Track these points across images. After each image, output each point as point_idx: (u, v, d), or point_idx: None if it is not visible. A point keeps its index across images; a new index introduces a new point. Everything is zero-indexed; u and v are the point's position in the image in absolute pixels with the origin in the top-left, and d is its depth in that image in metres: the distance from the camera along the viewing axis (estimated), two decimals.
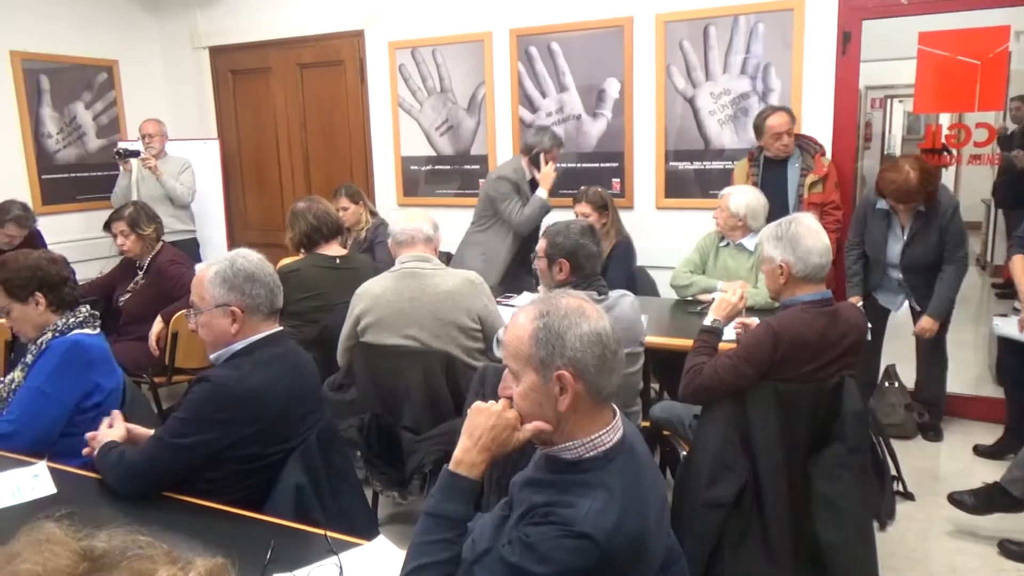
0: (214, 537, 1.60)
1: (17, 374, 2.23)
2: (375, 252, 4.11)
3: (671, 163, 4.40)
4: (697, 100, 4.28)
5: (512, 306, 3.26)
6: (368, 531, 1.84)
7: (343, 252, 3.30)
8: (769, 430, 2.20)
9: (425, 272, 2.68)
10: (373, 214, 4.53)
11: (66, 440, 2.18)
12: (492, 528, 1.41)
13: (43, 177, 5.09)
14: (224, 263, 1.86)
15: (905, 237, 3.56)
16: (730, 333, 2.54)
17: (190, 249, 4.76)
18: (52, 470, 1.90)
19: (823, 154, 3.80)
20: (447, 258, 3.79)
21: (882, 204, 3.55)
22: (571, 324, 1.28)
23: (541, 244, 2.60)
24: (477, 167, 4.94)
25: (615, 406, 1.35)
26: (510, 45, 4.68)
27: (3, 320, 3.46)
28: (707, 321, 2.45)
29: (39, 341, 2.24)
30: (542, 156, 4.06)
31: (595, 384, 1.27)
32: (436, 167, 5.09)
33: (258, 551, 1.48)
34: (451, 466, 1.32)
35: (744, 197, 3.43)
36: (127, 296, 3.67)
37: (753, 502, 2.20)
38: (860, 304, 3.69)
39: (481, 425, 1.31)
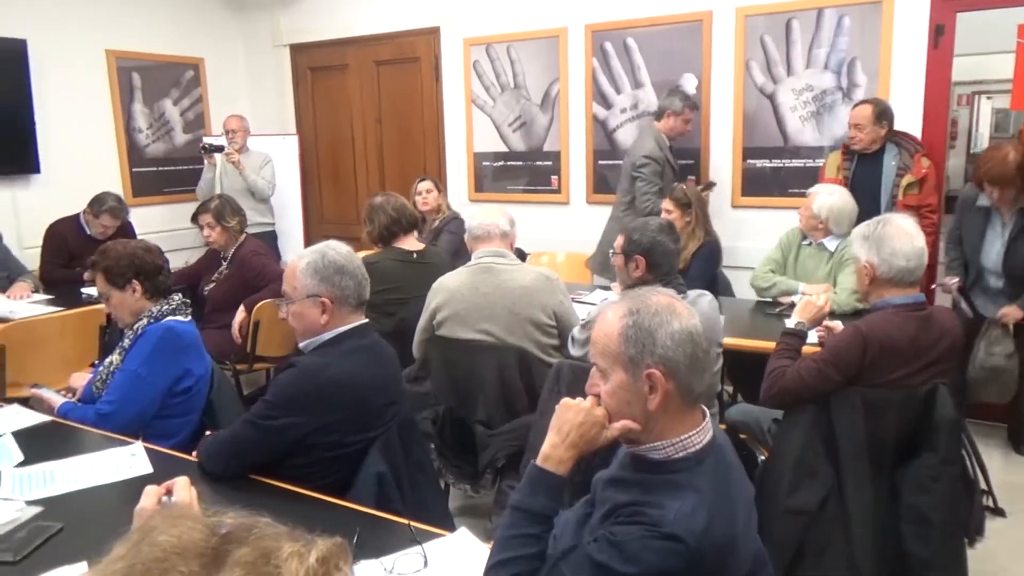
0: (301, 521, 1.63)
1: (115, 358, 2.34)
2: (440, 239, 4.18)
3: (748, 160, 4.30)
4: (777, 96, 4.17)
5: (587, 303, 3.25)
6: (443, 523, 1.86)
7: (420, 247, 3.34)
8: (855, 437, 2.12)
9: (500, 267, 2.69)
10: (448, 208, 4.59)
11: (159, 422, 2.28)
12: (574, 525, 1.40)
13: (133, 170, 5.33)
14: (315, 254, 1.91)
15: (1007, 235, 3.34)
16: (812, 337, 2.48)
17: (269, 242, 4.90)
18: (147, 450, 1.98)
19: (924, 154, 3.63)
20: (520, 254, 3.79)
21: (983, 200, 3.36)
22: (662, 322, 1.26)
23: (618, 241, 2.58)
24: (549, 163, 4.94)
25: (705, 407, 1.33)
26: (585, 41, 4.66)
27: (102, 306, 3.64)
28: (791, 323, 2.38)
29: (135, 327, 2.34)
30: (672, 118, 3.97)
31: (686, 384, 1.26)
32: (508, 163, 5.11)
33: (343, 537, 1.51)
34: (538, 461, 1.32)
35: (829, 199, 3.31)
36: (212, 286, 3.80)
37: (837, 511, 2.14)
38: (958, 285, 3.50)
39: (570, 421, 1.31)
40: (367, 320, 2.00)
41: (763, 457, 2.54)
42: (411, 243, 3.32)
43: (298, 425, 1.84)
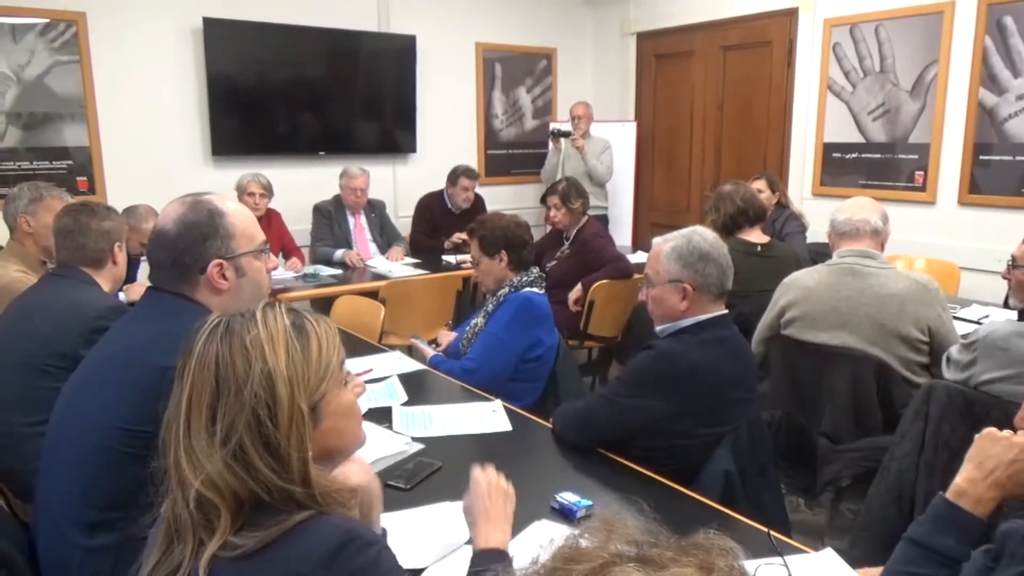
0: (652, 506, 1.66)
1: (479, 320, 2.58)
2: (790, 242, 3.90)
3: None
4: None
5: (969, 320, 2.81)
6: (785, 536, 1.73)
7: (765, 239, 3.17)
8: None
9: (868, 270, 2.43)
10: (783, 205, 4.30)
11: (510, 384, 2.47)
12: None
13: (488, 152, 5.87)
14: (681, 239, 1.89)
15: None
16: None
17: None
18: (506, 409, 2.14)
19: None
20: None
21: None
22: None
23: (1022, 250, 2.18)
24: (914, 157, 4.38)
25: None
26: (977, 16, 4.01)
27: (459, 272, 4.05)
28: None
29: (498, 294, 2.55)
30: None
31: None
32: (862, 155, 4.63)
33: (693, 530, 1.47)
34: (950, 495, 1.14)
35: None
36: (553, 263, 4.02)
37: None
38: None
39: (996, 457, 1.11)
40: (727, 311, 1.93)
41: None
42: (756, 235, 3.16)
43: (648, 407, 1.84)
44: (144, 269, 3.49)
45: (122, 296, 2.99)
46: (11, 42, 4.05)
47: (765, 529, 1.48)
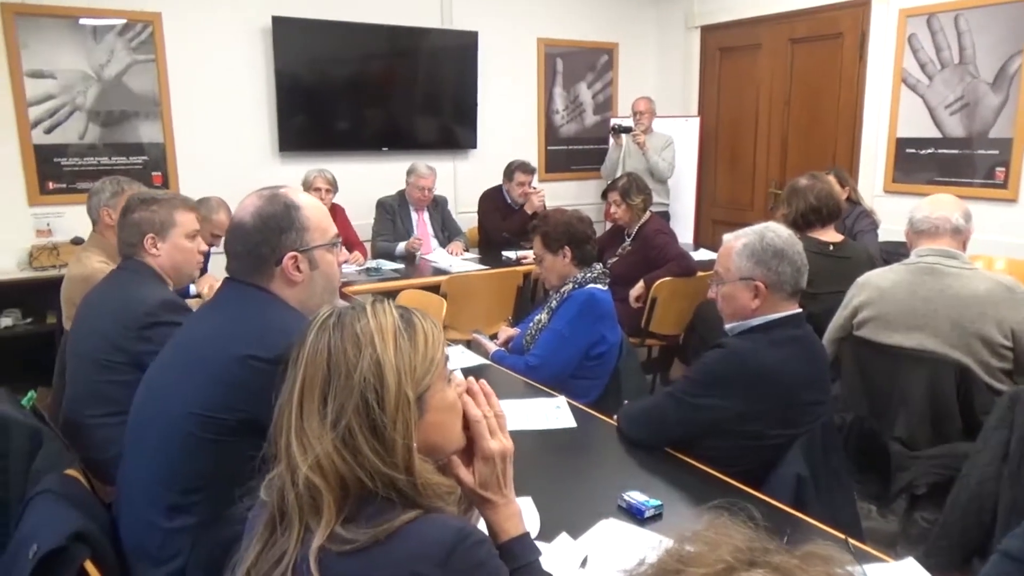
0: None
1: (543, 316, 2.57)
2: (862, 240, 3.78)
3: None
4: None
5: None
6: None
7: (839, 238, 3.07)
8: None
9: (948, 270, 2.33)
10: (853, 202, 4.16)
11: (573, 382, 2.45)
12: None
13: (548, 148, 5.85)
14: (753, 236, 1.84)
15: None
16: None
17: None
18: (570, 405, 2.13)
19: None
20: None
21: None
22: None
23: None
24: (995, 152, 4.18)
25: None
26: None
27: (519, 268, 4.05)
28: None
29: (561, 290, 2.54)
30: None
31: None
32: (939, 151, 4.45)
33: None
34: None
35: None
36: (614, 260, 3.98)
37: None
38: None
39: None
40: (801, 310, 1.88)
41: None
42: (829, 234, 3.06)
43: (717, 407, 1.81)
44: (214, 261, 3.59)
45: (193, 288, 3.08)
46: (92, 42, 4.21)
47: (842, 536, 1.43)
